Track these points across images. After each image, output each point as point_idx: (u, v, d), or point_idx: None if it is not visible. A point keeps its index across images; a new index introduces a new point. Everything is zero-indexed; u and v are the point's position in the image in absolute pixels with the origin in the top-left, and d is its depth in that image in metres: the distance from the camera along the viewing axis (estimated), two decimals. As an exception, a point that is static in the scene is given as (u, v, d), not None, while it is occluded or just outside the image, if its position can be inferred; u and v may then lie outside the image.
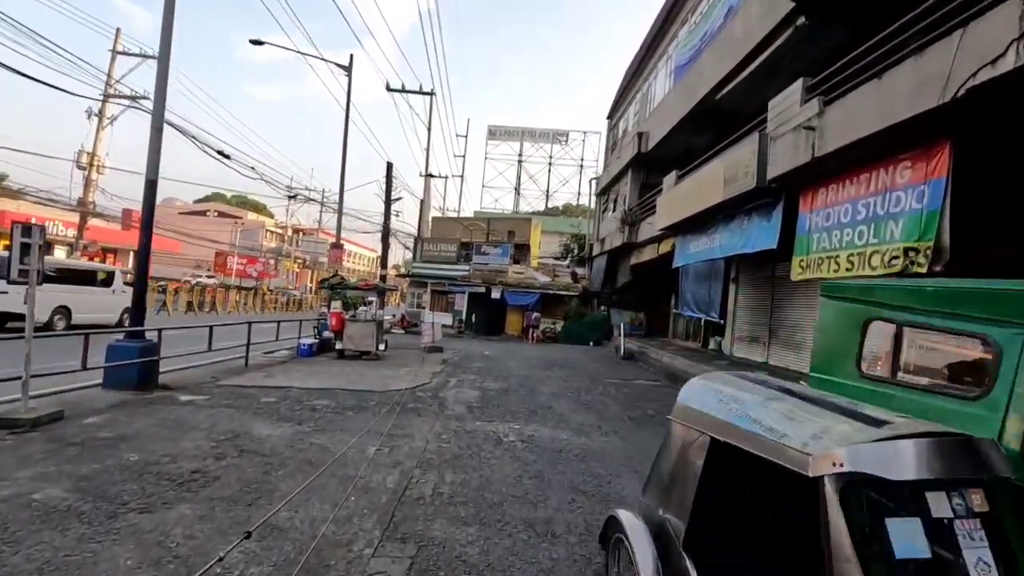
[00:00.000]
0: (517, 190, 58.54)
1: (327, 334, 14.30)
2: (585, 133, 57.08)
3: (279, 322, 13.68)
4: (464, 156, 59.04)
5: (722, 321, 12.70)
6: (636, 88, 20.74)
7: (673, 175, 14.50)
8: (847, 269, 7.34)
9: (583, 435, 6.56)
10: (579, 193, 57.44)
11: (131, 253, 43.51)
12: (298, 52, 17.49)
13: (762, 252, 10.52)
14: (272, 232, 71.15)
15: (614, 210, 22.90)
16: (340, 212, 17.36)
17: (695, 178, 12.20)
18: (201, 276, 52.97)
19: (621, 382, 11.38)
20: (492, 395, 9.08)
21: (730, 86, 12.08)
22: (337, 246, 17.85)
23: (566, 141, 57.72)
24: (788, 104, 8.58)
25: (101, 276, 16.65)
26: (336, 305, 13.83)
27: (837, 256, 7.58)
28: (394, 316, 26.08)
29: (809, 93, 8.15)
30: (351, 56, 18.26)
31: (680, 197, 13.35)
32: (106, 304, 16.31)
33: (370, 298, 20.72)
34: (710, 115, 14.44)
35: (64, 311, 14.30)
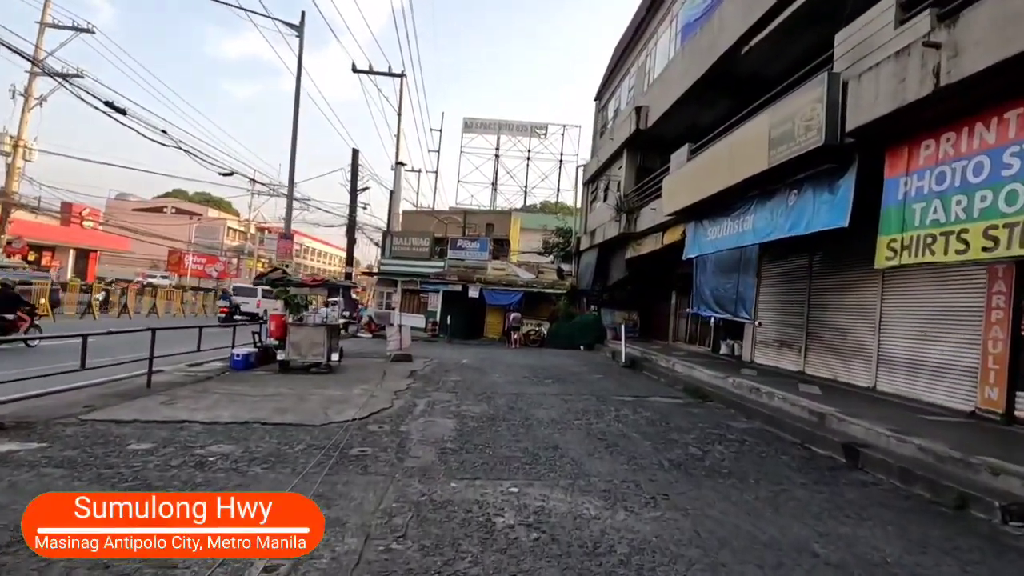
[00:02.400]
0: (494, 185, 56.10)
1: (270, 341, 11.71)
2: (564, 126, 55.09)
3: (200, 328, 10.98)
4: (439, 151, 56.58)
5: (758, 323, 10.51)
6: (631, 60, 18.55)
7: (684, 150, 12.29)
8: (984, 248, 5.14)
9: (620, 505, 4.18)
10: (558, 189, 55.44)
11: (71, 251, 39.75)
12: (239, 8, 14.75)
13: (794, 239, 8.43)
14: (235, 230, 67.19)
15: (605, 199, 20.69)
16: (290, 196, 14.69)
17: (719, 149, 9.98)
18: (156, 276, 49.16)
19: (635, 400, 9.06)
20: (474, 427, 6.65)
21: (760, 36, 9.92)
22: (286, 237, 15.15)
23: (545, 135, 55.50)
24: (873, 30, 6.38)
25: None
26: (277, 306, 11.25)
27: (962, 231, 5.37)
28: (354, 316, 23.37)
29: (907, 11, 5.95)
30: (302, 14, 15.61)
31: (695, 175, 11.14)
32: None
33: (333, 298, 18.06)
34: (725, 81, 12.33)
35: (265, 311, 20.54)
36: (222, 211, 70.75)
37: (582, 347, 18.98)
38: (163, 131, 11.71)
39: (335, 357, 11.18)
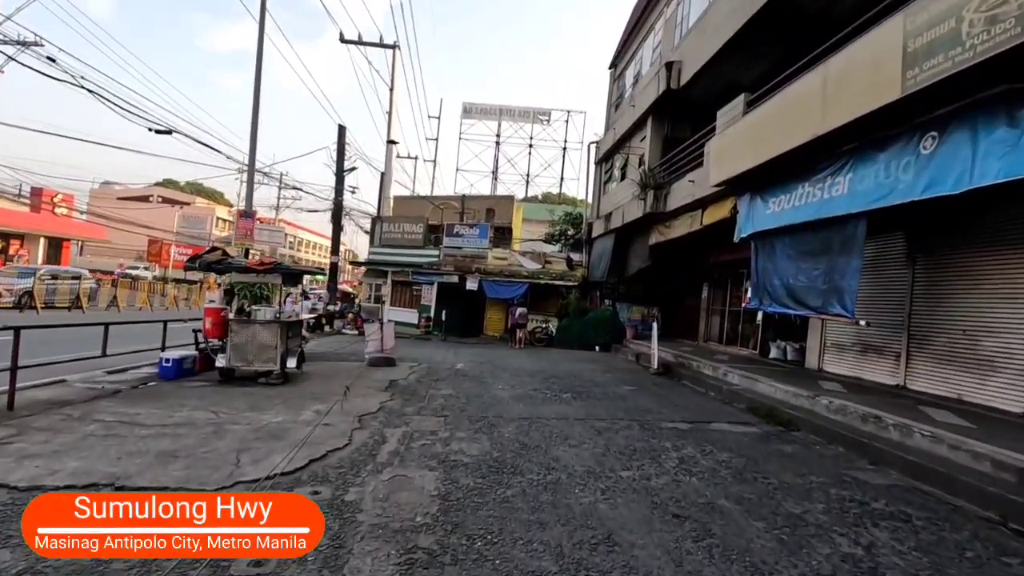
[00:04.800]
0: (494, 174, 53.46)
1: (213, 343, 9.18)
2: (569, 112, 52.34)
3: (105, 324, 8.41)
4: (437, 139, 54.04)
5: (864, 322, 7.97)
6: (657, 13, 15.93)
7: (739, 101, 9.75)
8: None
9: None
10: (562, 178, 52.92)
11: (41, 239, 37.21)
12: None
13: (890, 210, 5.99)
14: (225, 220, 64.44)
15: (623, 178, 18.13)
16: (251, 166, 12.12)
17: (804, 87, 7.42)
18: (139, 268, 46.62)
19: (693, 428, 6.56)
20: (468, 489, 4.14)
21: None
22: (246, 215, 12.59)
23: (548, 121, 52.80)
24: None
25: None
26: (214, 297, 8.79)
27: None
28: (344, 311, 20.87)
29: None
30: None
31: (758, 130, 8.61)
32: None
33: (314, 289, 15.49)
34: (785, 19, 9.86)
35: None
36: (213, 202, 68.03)
37: (597, 348, 16.47)
38: (50, 59, 9.10)
39: (292, 363, 8.69)
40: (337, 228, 22.95)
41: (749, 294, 9.74)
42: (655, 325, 11.18)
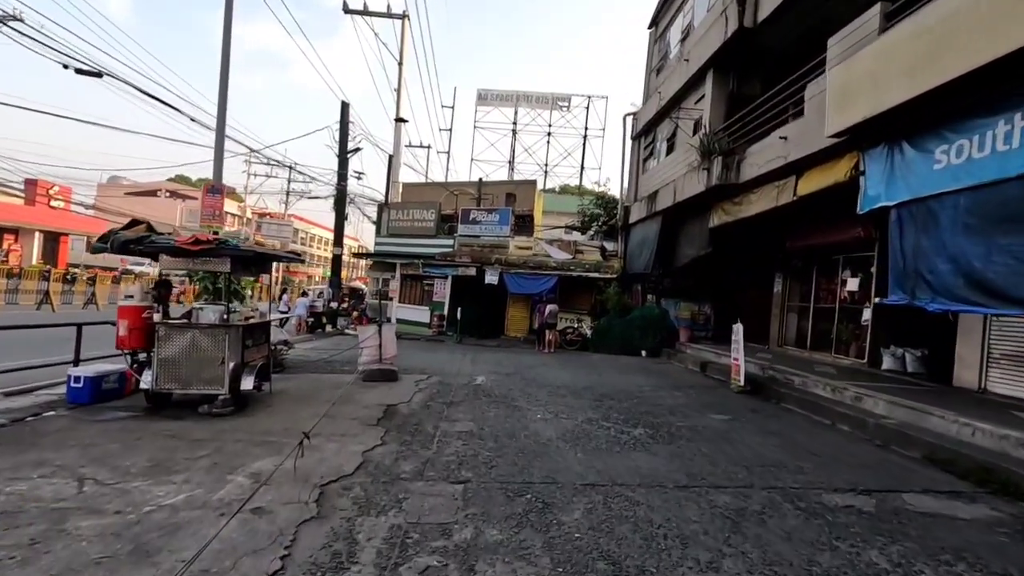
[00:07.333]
0: (511, 164, 50.73)
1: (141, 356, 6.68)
2: (589, 98, 49.42)
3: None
4: (451, 130, 51.62)
5: None
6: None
7: (873, 15, 7.00)
8: None
9: None
10: (582, 167, 50.04)
11: (36, 233, 35.51)
12: None
13: None
14: (232, 215, 62.74)
15: (669, 151, 15.37)
16: (221, 132, 9.66)
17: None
18: (144, 264, 44.89)
19: (879, 508, 3.86)
20: None
21: None
22: (214, 191, 10.12)
23: (567, 107, 49.86)
24: None
25: None
26: (133, 291, 6.38)
27: None
28: (348, 308, 18.41)
29: None
30: None
31: (928, 38, 5.83)
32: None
33: (318, 287, 12.96)
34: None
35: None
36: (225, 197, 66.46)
37: (643, 353, 13.76)
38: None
39: (248, 383, 6.15)
40: (340, 216, 20.54)
41: (852, 283, 6.97)
42: (739, 328, 8.48)
